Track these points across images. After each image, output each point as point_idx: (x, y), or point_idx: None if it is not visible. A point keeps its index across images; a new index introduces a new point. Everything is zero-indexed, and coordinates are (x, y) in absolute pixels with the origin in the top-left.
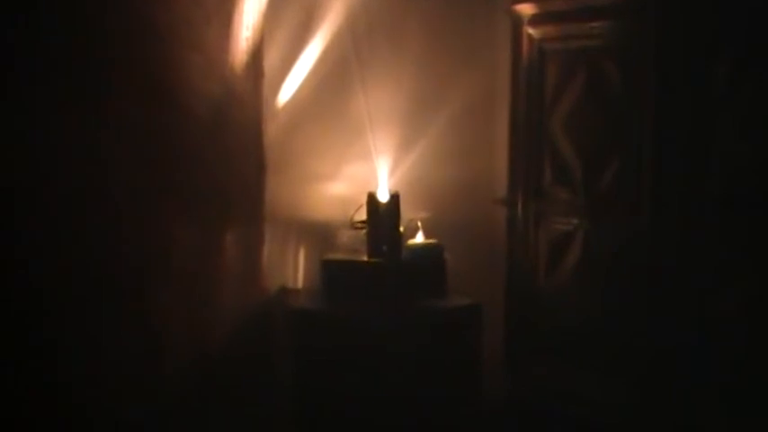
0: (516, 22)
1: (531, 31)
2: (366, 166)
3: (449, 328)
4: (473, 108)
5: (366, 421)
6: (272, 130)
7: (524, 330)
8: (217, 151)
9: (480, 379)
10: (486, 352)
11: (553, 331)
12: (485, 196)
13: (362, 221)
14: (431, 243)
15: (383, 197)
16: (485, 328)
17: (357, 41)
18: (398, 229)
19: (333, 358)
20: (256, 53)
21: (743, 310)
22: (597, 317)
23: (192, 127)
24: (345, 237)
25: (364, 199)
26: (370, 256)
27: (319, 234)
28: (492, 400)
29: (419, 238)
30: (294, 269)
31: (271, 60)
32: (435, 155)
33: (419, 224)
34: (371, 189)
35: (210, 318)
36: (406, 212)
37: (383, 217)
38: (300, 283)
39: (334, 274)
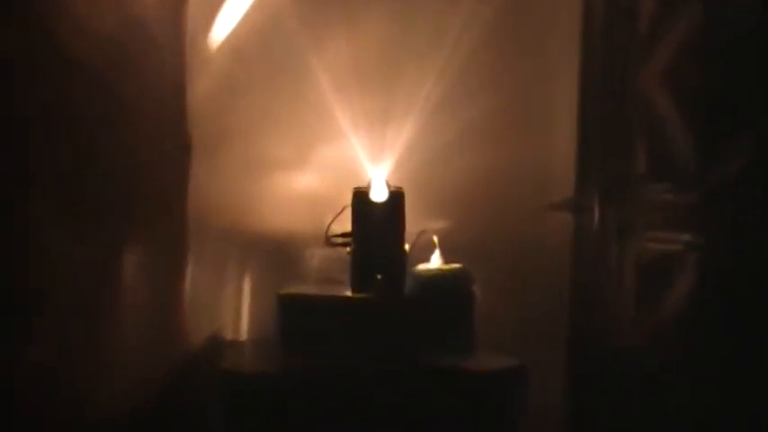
0: None
1: None
2: (350, 148)
3: (477, 403)
4: (519, 55)
5: None
6: (201, 88)
7: (598, 407)
8: (111, 121)
9: None
10: None
11: (644, 408)
12: (537, 197)
13: (344, 234)
14: (451, 269)
15: (378, 196)
16: (534, 403)
17: None
18: (401, 247)
19: None
20: None
21: None
22: (718, 386)
23: (71, 80)
24: (317, 258)
25: (348, 200)
26: (355, 289)
27: (275, 253)
28: None
29: (434, 262)
30: (234, 309)
31: None
32: (459, 132)
33: (434, 239)
34: (358, 183)
35: (97, 384)
36: (414, 221)
37: (377, 228)
38: (244, 332)
39: (297, 318)
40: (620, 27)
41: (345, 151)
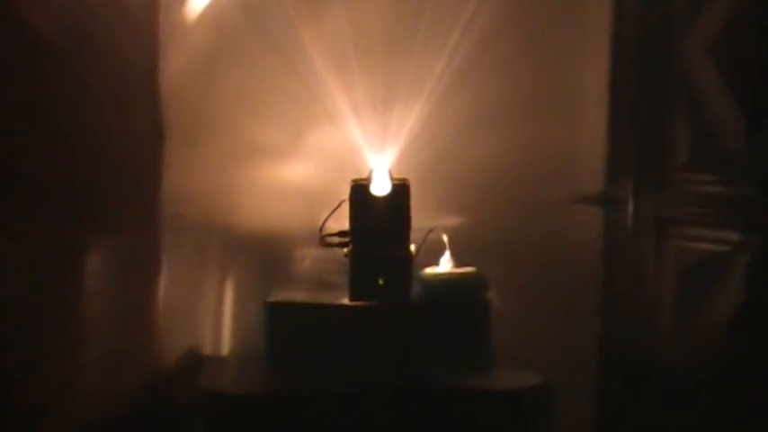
0: None
1: None
2: (349, 134)
3: (495, 427)
4: (542, 30)
5: None
6: (176, 64)
7: (632, 429)
8: (76, 103)
9: None
10: None
11: (685, 429)
12: (562, 189)
13: (341, 233)
14: (464, 273)
15: (379, 189)
16: (560, 425)
17: None
18: (407, 248)
19: None
20: None
21: None
22: None
23: (29, 56)
24: (310, 260)
25: (345, 193)
26: (354, 296)
27: (262, 255)
28: None
29: (444, 264)
30: (215, 319)
31: None
32: (474, 116)
33: (444, 238)
34: (357, 174)
35: (54, 404)
36: (421, 217)
37: (379, 225)
38: (225, 345)
39: (286, 329)
40: None
41: (343, 138)
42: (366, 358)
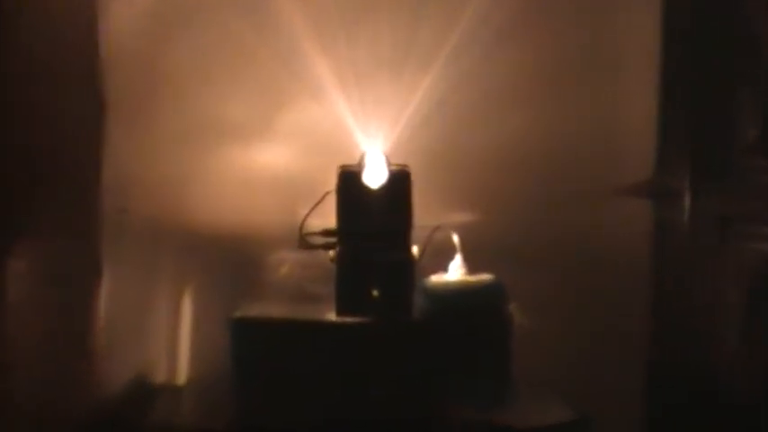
0: None
1: None
2: (334, 111)
3: None
4: None
5: None
6: (120, 24)
7: None
8: None
9: None
10: None
11: None
12: (602, 178)
13: (327, 232)
14: (478, 282)
15: (373, 178)
16: None
17: None
18: (407, 250)
19: None
20: None
21: None
22: None
23: None
24: (288, 266)
25: (331, 183)
26: (342, 310)
27: (229, 259)
28: None
29: (454, 271)
30: (170, 339)
31: None
32: (491, 88)
33: (455, 239)
34: (346, 160)
35: None
36: (425, 212)
37: (373, 222)
38: (182, 372)
39: (258, 351)
40: None
41: (327, 115)
42: (356, 386)
